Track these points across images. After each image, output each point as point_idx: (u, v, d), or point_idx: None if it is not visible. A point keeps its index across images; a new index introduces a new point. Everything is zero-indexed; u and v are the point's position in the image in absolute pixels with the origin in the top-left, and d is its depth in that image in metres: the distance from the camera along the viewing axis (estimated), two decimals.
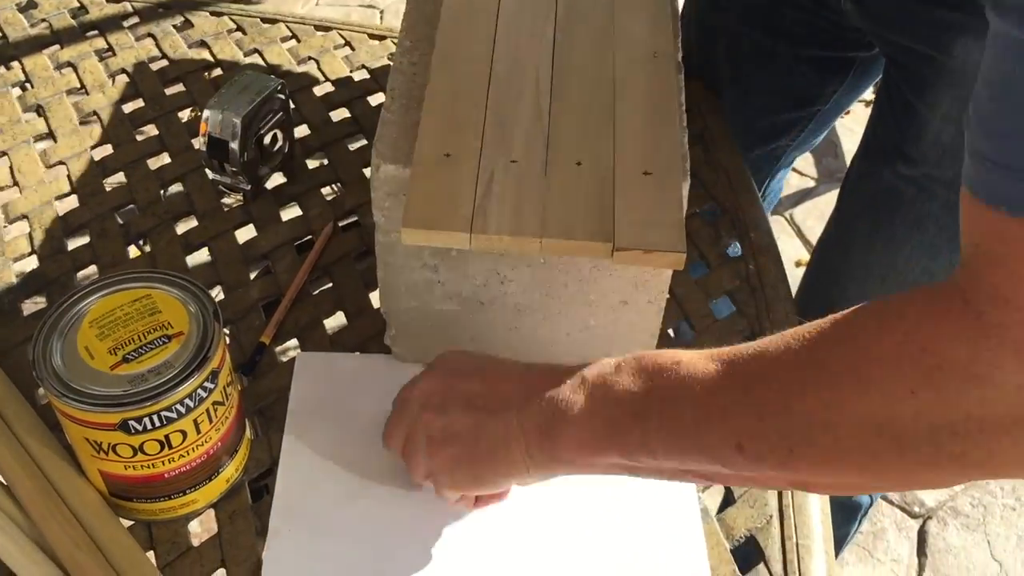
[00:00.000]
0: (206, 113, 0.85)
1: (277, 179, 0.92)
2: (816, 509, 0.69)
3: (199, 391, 0.62)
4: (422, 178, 0.61)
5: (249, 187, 0.88)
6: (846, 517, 1.20)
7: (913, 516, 1.58)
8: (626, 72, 0.69)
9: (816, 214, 2.04)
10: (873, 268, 0.94)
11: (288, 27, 1.08)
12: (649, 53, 0.71)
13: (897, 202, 0.89)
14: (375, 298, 0.82)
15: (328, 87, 1.02)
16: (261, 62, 1.04)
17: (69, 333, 0.62)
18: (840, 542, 1.24)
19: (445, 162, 0.62)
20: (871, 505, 1.23)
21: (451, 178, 0.62)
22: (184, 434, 0.62)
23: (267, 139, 0.88)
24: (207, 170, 0.89)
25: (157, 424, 0.61)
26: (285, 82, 0.89)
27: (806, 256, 1.91)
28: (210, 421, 0.64)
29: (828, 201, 2.06)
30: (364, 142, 0.97)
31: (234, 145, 0.85)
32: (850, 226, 0.97)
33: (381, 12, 2.52)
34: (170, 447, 0.62)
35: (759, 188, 1.09)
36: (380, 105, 0.99)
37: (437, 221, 0.60)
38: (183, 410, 0.61)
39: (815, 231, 1.91)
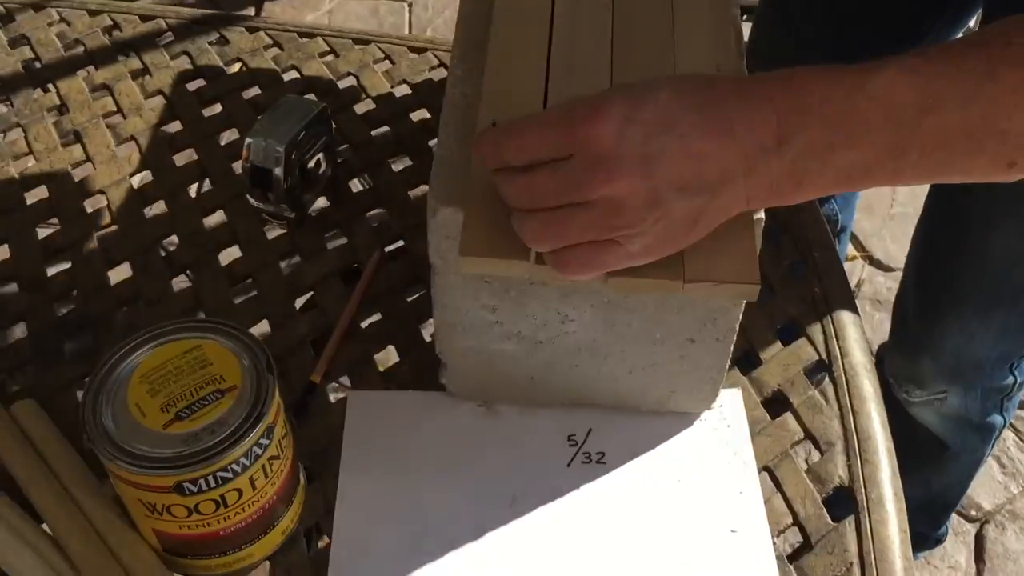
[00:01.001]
0: (248, 140, 0.82)
1: (321, 203, 0.89)
2: (898, 556, 0.66)
3: (255, 448, 0.59)
4: (479, 207, 0.58)
5: (293, 215, 0.86)
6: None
7: (970, 520, 1.54)
8: None
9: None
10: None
11: (326, 41, 1.05)
12: (712, 66, 0.67)
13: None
14: (427, 331, 0.80)
15: (369, 104, 0.99)
16: (299, 77, 1.02)
17: (119, 391, 0.60)
18: None
19: None
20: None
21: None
22: (240, 492, 0.60)
23: (311, 165, 0.85)
24: (249, 197, 0.86)
25: (212, 485, 0.58)
26: (327, 105, 0.86)
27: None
28: (266, 476, 0.61)
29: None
30: (408, 162, 0.94)
31: (278, 172, 0.82)
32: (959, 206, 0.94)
33: (409, 5, 2.48)
34: (225, 506, 0.60)
35: None
36: (422, 121, 0.97)
37: (497, 249, 0.57)
38: (239, 469, 0.59)
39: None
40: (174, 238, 0.87)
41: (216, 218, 0.88)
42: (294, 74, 1.02)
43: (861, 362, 0.78)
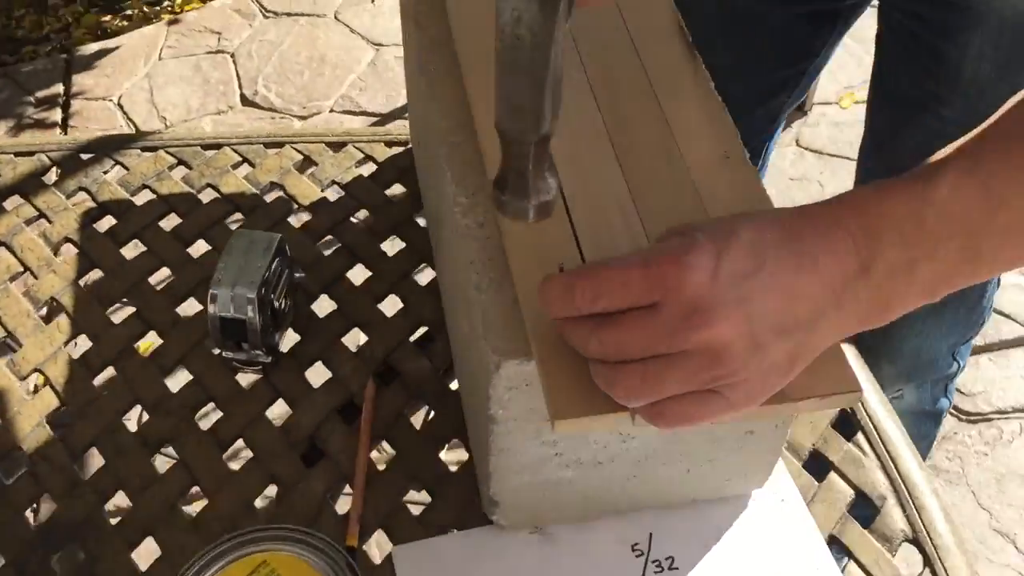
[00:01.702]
0: (213, 292, 0.75)
1: (291, 335, 0.83)
2: None
3: None
4: (551, 360, 0.54)
5: (269, 359, 0.79)
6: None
7: None
8: (703, 176, 0.64)
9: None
10: None
11: (235, 150, 0.98)
12: (719, 154, 0.66)
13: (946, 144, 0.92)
14: (444, 456, 0.75)
15: (304, 215, 0.93)
16: (218, 196, 0.94)
17: None
18: None
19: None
20: None
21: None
22: None
23: (279, 303, 0.79)
24: (218, 350, 0.79)
25: None
26: (283, 235, 0.80)
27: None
28: None
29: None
30: (366, 271, 0.88)
31: (253, 320, 0.75)
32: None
33: (232, 56, 2.37)
34: None
35: (761, 149, 1.11)
36: (365, 223, 0.92)
37: (592, 407, 0.53)
38: None
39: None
40: (138, 409, 0.79)
41: (180, 377, 0.80)
42: (211, 193, 0.94)
43: (879, 401, 0.79)
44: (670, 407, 0.50)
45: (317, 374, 0.81)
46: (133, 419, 0.78)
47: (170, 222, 0.92)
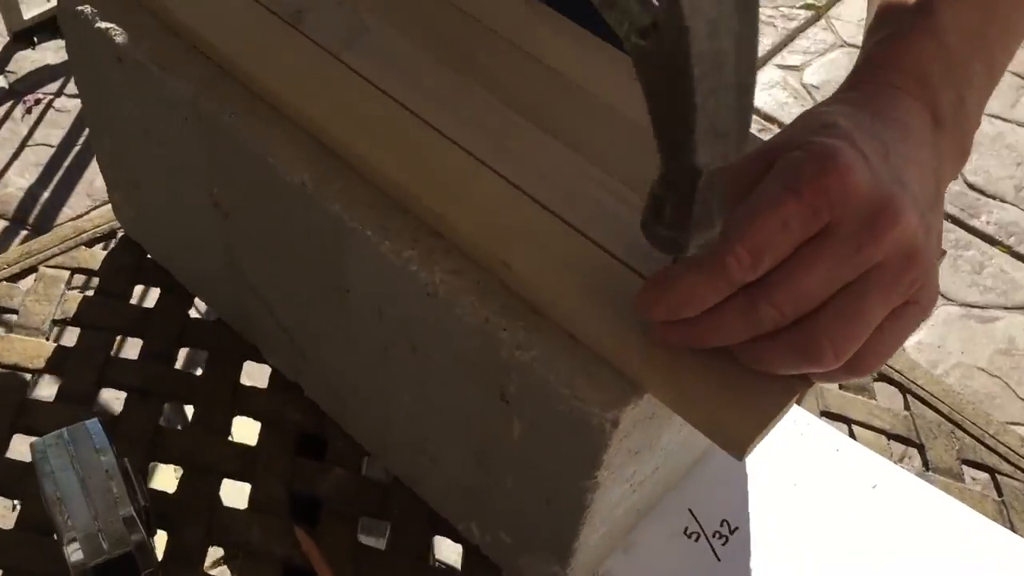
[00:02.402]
0: (67, 548, 0.52)
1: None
2: None
3: None
4: (684, 386, 0.44)
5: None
6: None
7: None
8: (639, 110, 0.55)
9: None
10: None
11: None
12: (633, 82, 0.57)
13: None
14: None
15: (50, 383, 0.68)
16: None
17: None
18: None
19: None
20: None
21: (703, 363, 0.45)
22: None
23: (142, 500, 0.57)
24: None
25: None
26: (98, 416, 0.57)
27: None
28: None
29: None
30: (187, 408, 0.67)
31: (140, 539, 0.53)
32: None
33: None
34: None
35: None
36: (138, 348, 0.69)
37: (762, 412, 0.43)
38: None
39: None
40: None
41: None
42: None
43: None
44: (873, 344, 0.41)
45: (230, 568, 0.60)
46: None
47: None
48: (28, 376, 0.67)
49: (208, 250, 0.64)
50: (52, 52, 2.13)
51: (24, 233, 1.78)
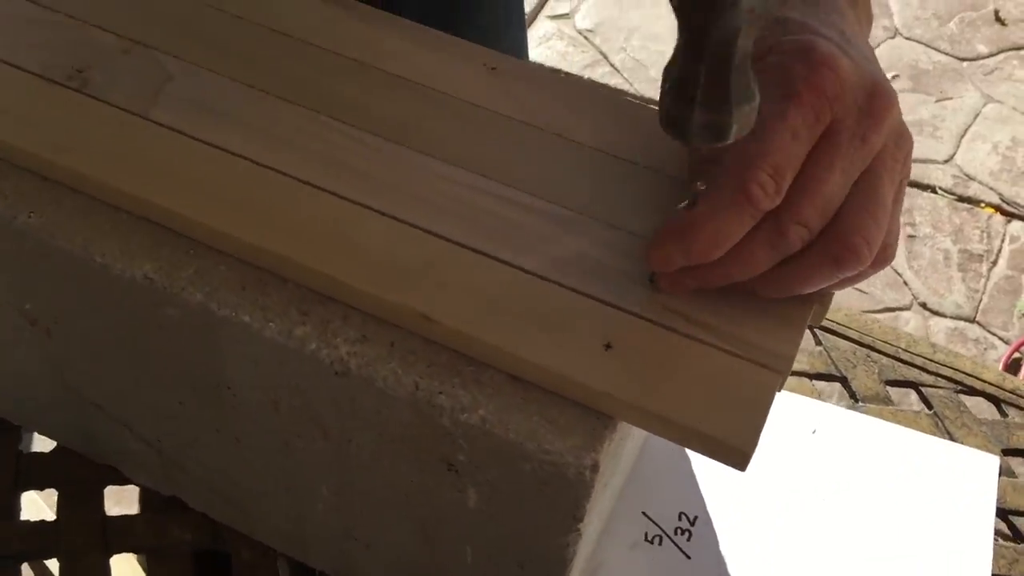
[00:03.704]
0: None
1: None
2: None
3: None
4: (667, 398, 0.38)
5: None
6: None
7: None
8: (500, 103, 0.49)
9: None
10: None
11: None
12: (485, 72, 0.50)
13: None
14: None
15: None
16: None
17: None
18: None
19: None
20: None
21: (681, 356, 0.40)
22: None
23: None
24: None
25: None
26: None
27: None
28: None
29: None
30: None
31: None
32: None
33: None
34: None
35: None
36: None
37: (756, 405, 0.38)
38: None
39: None
40: None
41: None
42: None
43: None
44: (891, 228, 0.39)
45: None
46: None
47: None
48: None
49: (32, 375, 0.53)
50: None
51: None
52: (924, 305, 1.86)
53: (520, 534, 0.43)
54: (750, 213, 0.37)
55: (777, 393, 0.40)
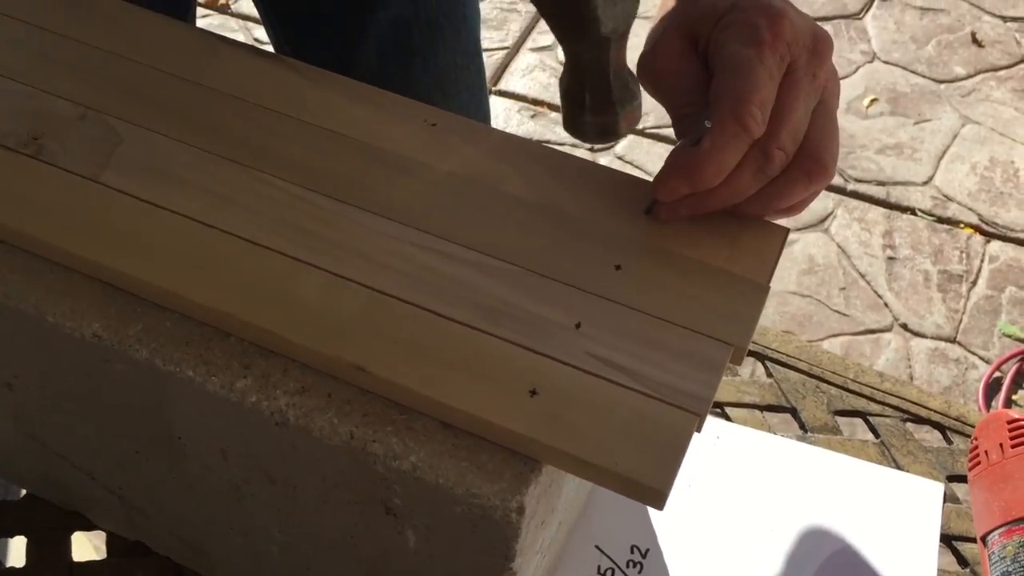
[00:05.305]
0: None
1: None
2: None
3: None
4: (585, 443, 0.40)
5: None
6: None
7: None
8: (436, 158, 0.51)
9: None
10: None
11: None
12: (423, 128, 0.52)
13: None
14: None
15: None
16: None
17: None
18: None
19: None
20: None
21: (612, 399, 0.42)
22: None
23: None
24: None
25: None
26: None
27: None
28: None
29: None
30: None
31: None
32: None
33: None
34: None
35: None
36: None
37: (671, 445, 0.40)
38: None
39: None
40: None
41: None
42: None
43: None
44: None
45: None
46: None
47: None
48: None
49: None
50: None
51: None
52: (905, 326, 1.88)
53: (459, 574, 0.45)
54: (746, 142, 0.44)
55: (696, 433, 0.42)
